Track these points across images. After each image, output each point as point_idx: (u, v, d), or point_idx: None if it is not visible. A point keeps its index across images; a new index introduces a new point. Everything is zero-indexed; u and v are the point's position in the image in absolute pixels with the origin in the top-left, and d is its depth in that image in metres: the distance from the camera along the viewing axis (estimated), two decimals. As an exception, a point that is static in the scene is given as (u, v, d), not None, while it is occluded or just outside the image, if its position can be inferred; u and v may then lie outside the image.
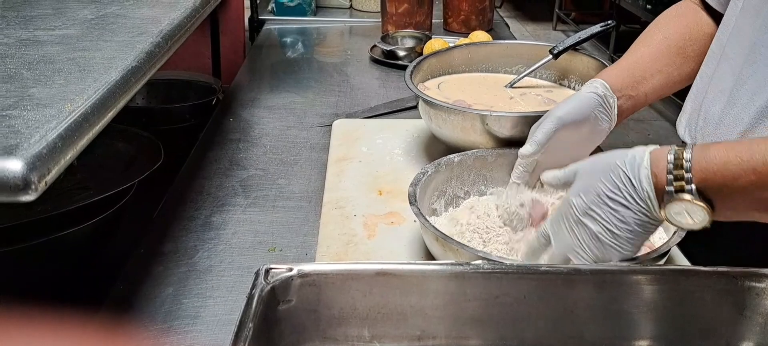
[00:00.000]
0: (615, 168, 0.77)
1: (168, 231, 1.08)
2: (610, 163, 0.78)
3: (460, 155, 1.08)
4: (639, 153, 0.76)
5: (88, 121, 0.63)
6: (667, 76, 1.04)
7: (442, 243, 0.87)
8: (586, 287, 0.74)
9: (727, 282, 0.73)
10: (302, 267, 0.74)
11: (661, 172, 0.74)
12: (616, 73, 1.03)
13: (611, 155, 0.79)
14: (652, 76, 1.03)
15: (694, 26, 1.06)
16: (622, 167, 0.76)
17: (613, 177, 0.77)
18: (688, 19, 1.07)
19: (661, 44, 1.05)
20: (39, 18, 0.93)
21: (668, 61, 1.04)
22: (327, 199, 1.17)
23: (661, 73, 1.03)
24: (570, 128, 0.98)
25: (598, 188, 0.78)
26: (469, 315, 0.75)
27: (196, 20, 1.03)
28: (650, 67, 1.03)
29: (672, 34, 1.06)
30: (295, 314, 0.74)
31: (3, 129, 0.58)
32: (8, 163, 0.53)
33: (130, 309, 0.91)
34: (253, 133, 1.48)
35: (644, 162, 0.75)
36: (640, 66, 1.04)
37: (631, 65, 1.04)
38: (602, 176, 0.78)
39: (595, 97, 0.99)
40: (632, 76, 1.03)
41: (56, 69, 0.73)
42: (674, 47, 1.05)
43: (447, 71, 1.45)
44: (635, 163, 0.75)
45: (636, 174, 0.75)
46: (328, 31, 2.40)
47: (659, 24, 1.09)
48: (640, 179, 0.75)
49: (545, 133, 0.97)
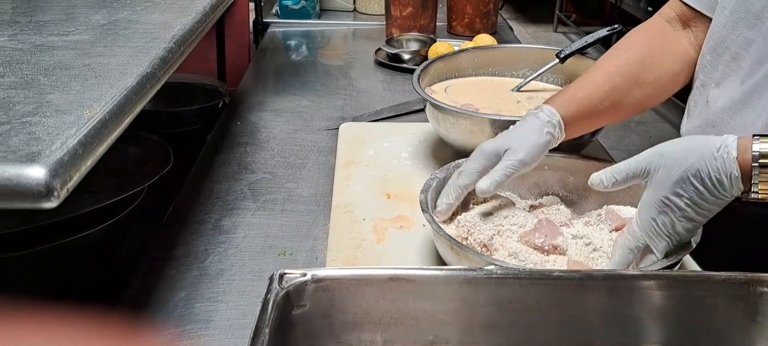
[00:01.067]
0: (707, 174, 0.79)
1: (179, 235, 1.09)
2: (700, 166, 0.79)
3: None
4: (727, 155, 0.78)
5: (106, 127, 0.64)
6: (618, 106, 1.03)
7: (457, 251, 0.87)
8: (598, 292, 0.74)
9: (739, 288, 0.73)
10: (316, 272, 0.74)
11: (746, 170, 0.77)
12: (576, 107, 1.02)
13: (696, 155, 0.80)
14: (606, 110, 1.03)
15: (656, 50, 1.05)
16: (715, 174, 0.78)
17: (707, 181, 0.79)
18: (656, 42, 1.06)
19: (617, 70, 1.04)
20: (51, 23, 0.93)
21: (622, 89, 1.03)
22: (335, 203, 1.18)
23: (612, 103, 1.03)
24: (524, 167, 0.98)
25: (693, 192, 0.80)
26: (481, 320, 0.75)
27: (207, 25, 1.04)
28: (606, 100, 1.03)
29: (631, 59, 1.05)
30: (309, 319, 0.74)
31: (24, 136, 0.58)
32: (30, 171, 0.54)
33: (143, 313, 0.92)
34: (260, 136, 1.48)
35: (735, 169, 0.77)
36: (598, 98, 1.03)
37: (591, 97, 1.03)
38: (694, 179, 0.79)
39: (551, 139, 0.99)
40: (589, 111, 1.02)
41: (73, 75, 0.74)
42: (630, 74, 1.03)
43: (454, 75, 1.46)
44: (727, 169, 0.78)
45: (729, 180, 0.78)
46: (332, 34, 2.41)
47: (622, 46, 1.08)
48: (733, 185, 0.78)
49: (507, 176, 0.95)
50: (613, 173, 0.86)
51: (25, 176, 0.53)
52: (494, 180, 0.94)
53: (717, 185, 0.78)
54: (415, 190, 1.20)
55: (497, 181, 0.94)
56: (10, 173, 0.53)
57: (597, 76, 1.04)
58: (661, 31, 1.07)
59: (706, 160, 0.79)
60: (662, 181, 0.81)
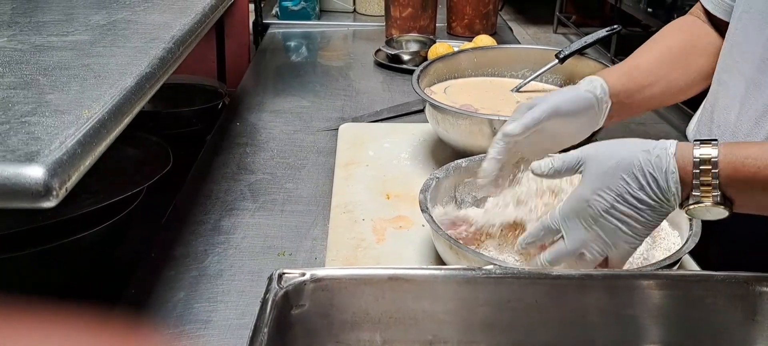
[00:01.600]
0: (640, 168, 0.76)
1: (178, 236, 1.09)
2: (633, 162, 0.77)
3: (467, 160, 1.08)
4: (664, 154, 0.76)
5: (105, 127, 0.64)
6: (668, 85, 1.03)
7: (456, 251, 0.88)
8: (597, 292, 0.74)
9: (739, 287, 0.73)
10: (315, 272, 0.74)
11: (687, 175, 0.75)
12: (617, 77, 1.01)
13: (630, 150, 0.78)
14: (652, 84, 1.02)
15: (696, 39, 1.06)
16: (647, 169, 0.76)
17: (639, 177, 0.76)
18: (691, 32, 1.07)
19: (664, 53, 1.05)
20: (51, 24, 0.93)
21: (670, 69, 1.03)
22: (335, 203, 1.18)
23: (662, 81, 1.02)
24: (559, 120, 0.94)
25: (621, 186, 0.77)
26: (480, 320, 0.75)
27: (207, 25, 1.04)
28: (652, 74, 1.03)
29: (674, 44, 1.05)
30: (308, 319, 0.74)
31: (23, 136, 0.58)
32: (29, 170, 0.54)
33: (142, 313, 0.92)
34: (259, 137, 1.48)
35: (671, 166, 0.75)
36: (641, 72, 1.03)
37: (633, 70, 1.03)
38: (625, 174, 0.77)
39: (592, 98, 0.97)
40: (633, 82, 1.02)
41: (71, 75, 0.74)
42: (676, 57, 1.04)
43: (453, 75, 1.46)
44: (662, 166, 0.75)
45: (664, 178, 0.75)
46: (332, 35, 2.41)
47: (662, 34, 1.09)
48: (669, 183, 0.75)
49: (536, 118, 0.91)
50: (552, 161, 0.84)
51: (23, 176, 0.54)
52: (522, 122, 0.91)
53: (650, 181, 0.76)
54: (415, 190, 1.20)
55: (525, 123, 0.91)
56: (8, 173, 0.53)
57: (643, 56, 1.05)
58: (695, 25, 1.08)
59: (641, 156, 0.77)
60: (593, 174, 0.80)
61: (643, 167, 0.76)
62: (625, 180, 0.77)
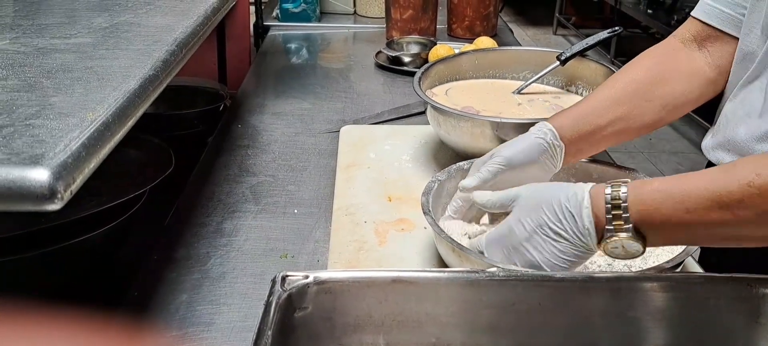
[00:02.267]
0: (559, 203, 0.81)
1: (180, 238, 1.09)
2: (554, 197, 0.81)
3: (469, 162, 1.08)
4: (580, 192, 0.80)
5: (109, 129, 0.64)
6: (626, 123, 1.02)
7: (459, 253, 0.88)
8: (601, 294, 0.74)
9: (742, 289, 0.73)
10: (318, 274, 0.74)
11: (600, 211, 0.78)
12: (570, 121, 1.01)
13: (554, 188, 0.83)
14: (610, 123, 1.01)
15: (667, 67, 1.04)
16: (565, 204, 0.80)
17: (557, 211, 0.81)
18: (662, 61, 1.05)
19: (627, 87, 1.03)
20: (53, 26, 0.94)
21: (631, 106, 1.02)
22: (337, 205, 1.18)
23: (622, 119, 1.01)
24: (515, 169, 0.99)
25: (542, 218, 0.82)
26: (484, 323, 0.75)
27: (208, 27, 1.04)
28: (608, 114, 1.01)
29: (640, 78, 1.03)
30: (311, 322, 0.74)
31: (27, 138, 0.58)
32: (34, 173, 0.54)
33: (144, 316, 0.92)
34: (261, 139, 1.48)
35: (585, 201, 0.79)
36: (597, 112, 1.02)
37: (588, 112, 1.02)
38: (545, 207, 0.82)
39: (542, 144, 0.99)
40: (587, 125, 1.01)
41: (75, 78, 0.74)
42: (641, 92, 1.02)
43: (454, 77, 1.46)
44: (577, 202, 0.79)
45: (579, 212, 0.79)
46: (332, 37, 2.41)
47: (628, 68, 1.07)
48: (582, 218, 0.79)
49: (491, 171, 0.98)
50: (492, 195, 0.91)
51: (28, 179, 0.54)
52: (478, 177, 0.98)
53: (565, 213, 0.80)
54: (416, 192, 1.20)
55: (480, 177, 0.98)
56: (13, 176, 0.53)
57: (602, 93, 1.04)
58: (673, 50, 1.06)
59: (561, 193, 0.81)
60: (519, 208, 0.85)
61: (561, 202, 0.81)
62: (545, 213, 0.82)
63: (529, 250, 0.82)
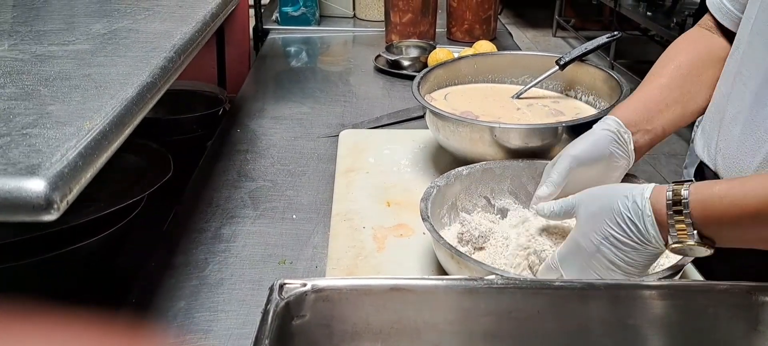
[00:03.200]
0: (619, 214, 0.80)
1: (178, 244, 1.08)
2: (613, 207, 0.81)
3: (468, 168, 1.08)
4: (639, 198, 0.79)
5: (106, 138, 0.64)
6: (683, 107, 1.02)
7: (458, 260, 0.87)
8: (600, 302, 0.74)
9: (742, 297, 0.73)
10: (316, 282, 0.74)
11: (662, 218, 0.78)
12: (631, 109, 1.02)
13: (611, 196, 0.82)
14: (668, 107, 1.02)
15: (706, 52, 1.05)
16: (626, 213, 0.80)
17: (620, 222, 0.80)
18: (700, 46, 1.06)
19: (674, 73, 1.04)
20: (51, 33, 0.93)
21: (684, 89, 1.03)
22: (336, 211, 1.18)
23: (678, 102, 1.02)
24: (586, 167, 0.97)
25: (606, 231, 0.81)
26: (482, 330, 0.75)
27: (207, 33, 1.04)
28: (665, 99, 1.02)
29: (684, 63, 1.05)
30: (309, 330, 0.74)
31: (24, 148, 0.58)
32: (30, 183, 0.54)
33: (142, 322, 0.92)
34: (260, 144, 1.48)
35: (647, 210, 0.79)
36: (653, 99, 1.02)
37: (645, 98, 1.03)
38: (608, 219, 0.81)
39: (608, 134, 0.98)
40: (647, 110, 1.01)
41: (73, 85, 0.74)
42: (688, 76, 1.03)
43: (453, 82, 1.45)
44: (638, 211, 0.79)
45: (641, 222, 0.79)
46: (331, 40, 2.41)
47: (670, 54, 1.08)
48: (646, 227, 0.79)
49: (561, 173, 0.96)
50: (553, 205, 0.92)
51: (24, 189, 0.53)
52: (550, 182, 0.97)
53: (629, 225, 0.80)
54: (416, 198, 1.20)
55: (553, 181, 0.97)
56: (10, 186, 0.53)
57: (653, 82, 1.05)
58: (703, 37, 1.08)
59: (620, 201, 0.81)
60: (582, 218, 0.85)
61: (622, 212, 0.80)
62: (608, 224, 0.81)
63: (602, 262, 0.82)
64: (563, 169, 0.96)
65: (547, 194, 0.97)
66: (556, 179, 0.96)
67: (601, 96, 1.35)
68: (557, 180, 0.96)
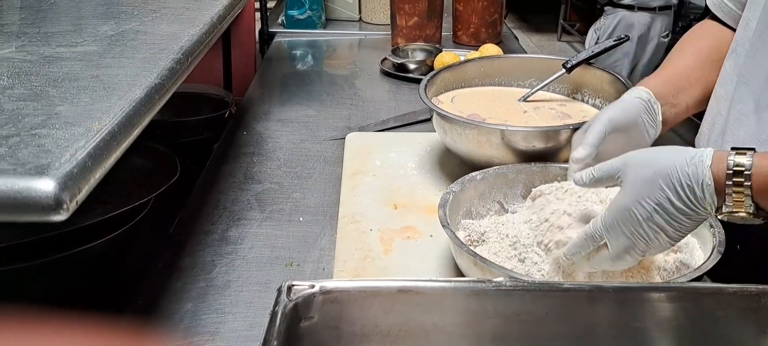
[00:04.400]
0: (677, 179, 0.77)
1: (185, 246, 1.08)
2: (671, 171, 0.77)
3: (482, 173, 1.08)
4: (700, 164, 0.76)
5: (115, 139, 0.64)
6: (705, 86, 1.03)
7: (482, 267, 0.87)
8: (608, 304, 0.74)
9: (750, 300, 0.73)
10: (324, 284, 0.74)
11: (721, 185, 0.76)
12: (657, 82, 1.03)
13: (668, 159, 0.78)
14: (691, 85, 1.03)
15: (719, 41, 1.06)
16: (684, 180, 0.77)
17: (677, 187, 0.77)
18: (714, 35, 1.07)
19: (695, 56, 1.05)
20: (59, 34, 0.94)
21: (705, 71, 1.04)
22: (342, 213, 1.17)
23: (700, 82, 1.03)
24: (618, 133, 0.97)
25: (660, 196, 0.78)
26: (490, 333, 0.75)
27: (214, 36, 1.04)
28: (689, 77, 1.03)
29: (703, 48, 1.06)
30: (317, 332, 0.74)
31: (33, 148, 0.58)
32: (40, 183, 0.54)
33: (149, 324, 0.92)
34: (266, 146, 1.48)
35: (707, 178, 0.76)
36: (678, 75, 1.04)
37: (670, 75, 1.04)
38: (663, 183, 0.77)
39: (640, 102, 0.98)
40: (673, 85, 1.02)
41: (81, 86, 0.74)
42: (708, 59, 1.04)
43: (460, 85, 1.45)
44: (698, 178, 0.76)
45: (700, 189, 0.76)
46: (337, 43, 2.41)
47: (687, 40, 1.09)
48: (705, 194, 0.76)
49: (596, 134, 0.96)
50: (593, 171, 0.86)
51: (34, 189, 0.53)
52: (587, 143, 0.96)
53: (687, 192, 0.76)
54: (422, 200, 1.20)
55: (589, 142, 0.96)
56: (19, 186, 0.53)
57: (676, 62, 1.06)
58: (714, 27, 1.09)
59: (678, 166, 0.77)
60: (632, 183, 0.80)
61: (681, 178, 0.77)
62: (662, 190, 0.77)
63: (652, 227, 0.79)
64: (599, 131, 0.95)
65: (584, 155, 0.95)
66: (592, 140, 0.95)
67: (608, 99, 1.34)
68: (593, 141, 0.95)
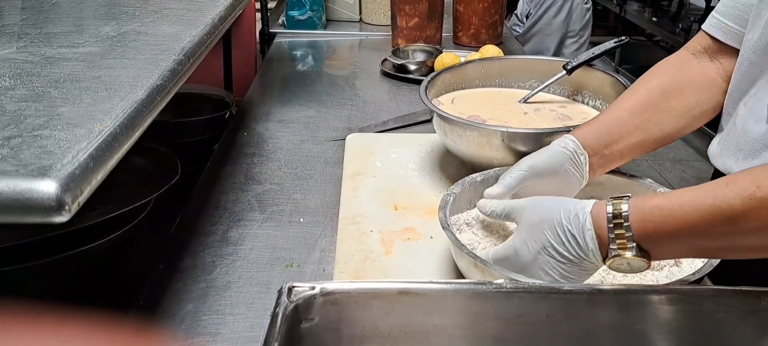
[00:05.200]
0: (560, 224, 0.81)
1: (186, 247, 1.09)
2: (555, 218, 0.82)
3: (482, 174, 1.08)
4: (581, 212, 0.80)
5: (117, 140, 0.64)
6: (645, 133, 1.02)
7: (482, 269, 0.87)
8: (608, 307, 0.74)
9: (751, 302, 0.73)
10: (325, 285, 0.74)
11: (602, 231, 0.78)
12: (591, 132, 1.03)
13: (555, 207, 0.83)
14: (629, 133, 1.02)
15: (682, 79, 1.04)
16: (567, 226, 0.80)
17: (559, 232, 0.81)
18: (677, 72, 1.05)
19: (643, 98, 1.04)
20: (61, 35, 0.94)
21: (646, 117, 1.02)
22: (343, 214, 1.18)
23: (639, 130, 1.02)
24: (540, 179, 1.00)
25: (545, 239, 0.82)
26: (490, 334, 0.75)
27: (215, 36, 1.04)
28: (627, 125, 1.02)
29: (655, 88, 1.04)
30: (318, 333, 0.74)
31: (35, 149, 0.58)
32: (41, 185, 0.54)
33: (150, 325, 0.92)
34: (267, 147, 1.48)
35: (587, 223, 0.79)
36: (616, 123, 1.03)
37: (608, 122, 1.03)
38: (548, 229, 0.82)
39: (565, 152, 1.00)
40: (608, 134, 1.02)
41: (83, 87, 0.74)
42: (655, 102, 1.03)
43: (461, 86, 1.45)
44: (579, 223, 0.80)
45: (581, 234, 0.79)
46: (338, 44, 2.41)
47: (644, 79, 1.07)
48: (586, 240, 0.79)
49: (515, 178, 0.99)
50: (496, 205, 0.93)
51: (36, 191, 0.53)
52: (502, 183, 1.00)
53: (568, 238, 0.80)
54: (423, 201, 1.20)
55: (505, 184, 1.00)
56: (21, 187, 0.53)
57: (620, 105, 1.05)
58: (686, 62, 1.07)
59: (562, 213, 0.81)
60: (523, 225, 0.86)
61: (563, 224, 0.81)
62: (547, 234, 0.82)
63: (536, 271, 0.83)
64: (518, 175, 1.00)
65: (496, 193, 0.99)
66: (509, 182, 1.00)
67: (609, 100, 1.34)
68: (510, 183, 0.99)
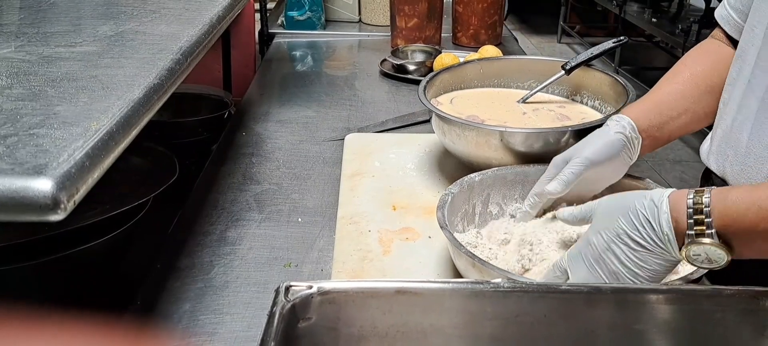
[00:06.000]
0: (634, 210, 0.79)
1: (184, 246, 1.08)
2: (630, 205, 0.80)
3: (480, 174, 1.08)
4: (657, 196, 0.78)
5: (113, 139, 0.63)
6: (693, 115, 1.03)
7: (480, 268, 0.87)
8: (607, 306, 0.74)
9: (749, 302, 0.73)
10: (322, 285, 0.73)
11: (681, 216, 0.76)
12: (644, 112, 1.03)
13: (630, 196, 0.81)
14: (679, 115, 1.03)
15: (720, 63, 1.05)
16: (641, 210, 0.78)
17: (633, 218, 0.79)
18: (714, 56, 1.06)
19: (689, 81, 1.04)
20: (58, 34, 0.93)
21: (696, 99, 1.03)
22: (341, 214, 1.17)
23: (688, 112, 1.03)
24: (595, 168, 0.99)
25: (618, 227, 0.80)
26: (488, 334, 0.75)
27: (214, 36, 1.04)
28: (677, 106, 1.03)
29: (699, 72, 1.05)
30: (315, 332, 0.74)
31: (31, 148, 0.58)
32: (37, 183, 0.54)
33: (148, 325, 0.91)
34: (265, 147, 1.48)
35: (663, 206, 0.77)
36: (667, 104, 1.03)
37: (659, 103, 1.04)
38: (622, 216, 0.80)
39: (622, 139, 1.00)
40: (659, 116, 1.02)
41: (80, 87, 0.74)
42: (702, 84, 1.04)
43: (459, 86, 1.45)
44: (655, 207, 0.78)
45: (656, 217, 0.77)
46: (337, 44, 2.41)
47: (685, 62, 1.08)
48: (661, 223, 0.77)
49: (574, 173, 0.98)
50: (574, 210, 0.92)
51: (32, 189, 0.53)
52: (562, 180, 0.99)
53: (643, 223, 0.78)
54: (421, 201, 1.20)
55: (565, 180, 0.98)
56: (17, 186, 0.53)
57: (667, 87, 1.06)
58: (717, 46, 1.08)
59: (637, 201, 0.79)
60: (597, 218, 0.85)
61: (638, 210, 0.79)
62: (621, 222, 0.80)
63: (611, 260, 0.81)
64: (577, 171, 0.98)
65: (557, 191, 0.98)
66: (568, 178, 0.98)
67: (607, 101, 1.34)
68: (570, 179, 0.98)
